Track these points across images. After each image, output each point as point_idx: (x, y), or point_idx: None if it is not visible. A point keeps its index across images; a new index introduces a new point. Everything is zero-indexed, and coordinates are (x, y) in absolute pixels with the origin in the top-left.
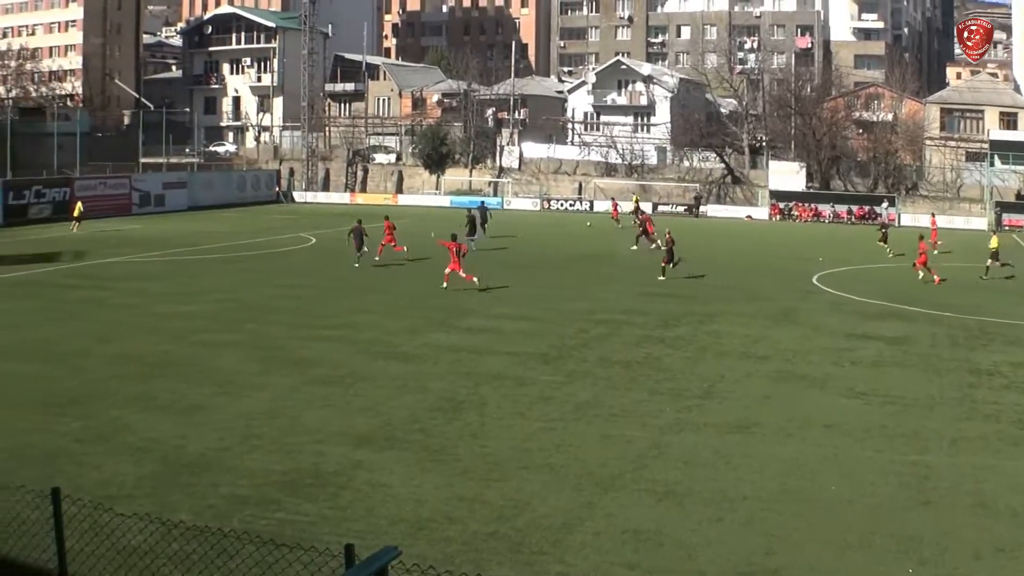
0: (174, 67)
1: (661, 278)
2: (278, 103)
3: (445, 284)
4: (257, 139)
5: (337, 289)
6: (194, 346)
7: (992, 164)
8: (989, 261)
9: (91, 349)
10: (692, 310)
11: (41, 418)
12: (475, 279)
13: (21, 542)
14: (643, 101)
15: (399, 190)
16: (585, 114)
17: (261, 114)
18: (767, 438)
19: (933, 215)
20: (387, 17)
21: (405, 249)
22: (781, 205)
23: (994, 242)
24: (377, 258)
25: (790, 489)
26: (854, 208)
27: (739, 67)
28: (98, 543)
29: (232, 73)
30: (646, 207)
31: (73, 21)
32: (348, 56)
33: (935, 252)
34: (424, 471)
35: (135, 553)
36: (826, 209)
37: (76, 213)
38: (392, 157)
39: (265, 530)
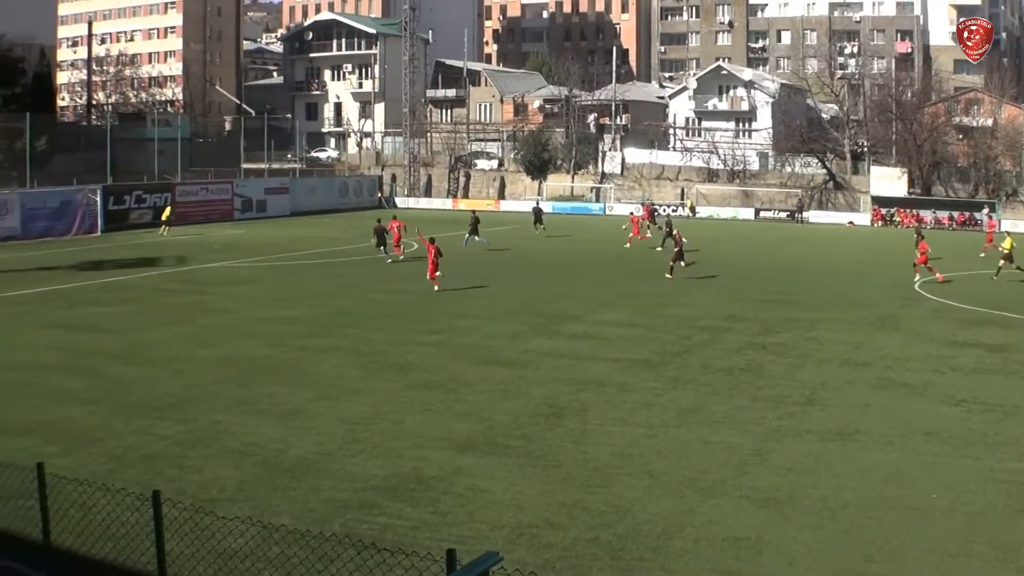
0: (275, 73)
1: (668, 276)
2: (379, 109)
3: (436, 287)
4: (359, 145)
5: (438, 294)
6: (295, 351)
7: None
8: (1002, 262)
9: (192, 353)
10: (794, 316)
11: (142, 421)
12: (436, 282)
13: (120, 544)
14: (744, 106)
15: (501, 196)
16: (687, 119)
17: (362, 120)
18: (868, 445)
19: (990, 216)
20: (487, 23)
21: (402, 256)
22: (883, 211)
23: (1008, 243)
24: (400, 257)
25: (890, 497)
26: (955, 214)
27: (839, 72)
28: (198, 546)
29: (333, 79)
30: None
31: (172, 27)
32: (449, 62)
33: (981, 255)
34: (525, 477)
35: (235, 556)
36: (927, 215)
37: (164, 217)
38: (494, 163)
39: (366, 534)
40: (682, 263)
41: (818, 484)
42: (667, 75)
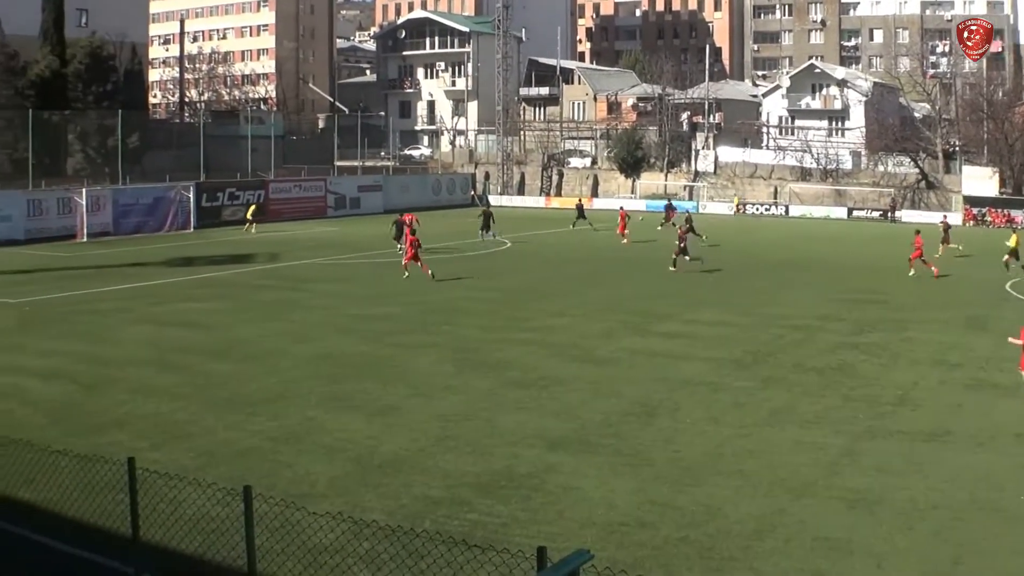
0: (368, 71)
1: (672, 269)
2: (472, 107)
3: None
4: (452, 143)
5: (532, 292)
6: (389, 347)
7: None
8: (1007, 257)
9: (286, 349)
10: (886, 316)
11: (235, 416)
12: (429, 271)
13: (210, 539)
14: (837, 105)
15: (594, 194)
16: (780, 118)
17: (455, 118)
18: (959, 447)
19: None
20: (580, 21)
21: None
22: (975, 211)
23: (1013, 240)
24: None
25: (980, 499)
26: None
27: (931, 71)
28: (288, 541)
29: (426, 77)
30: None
31: (265, 25)
32: (542, 60)
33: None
34: (617, 475)
35: (325, 551)
36: (1019, 215)
37: (250, 214)
38: (587, 161)
39: (457, 531)
40: (686, 257)
41: (908, 485)
42: (760, 73)
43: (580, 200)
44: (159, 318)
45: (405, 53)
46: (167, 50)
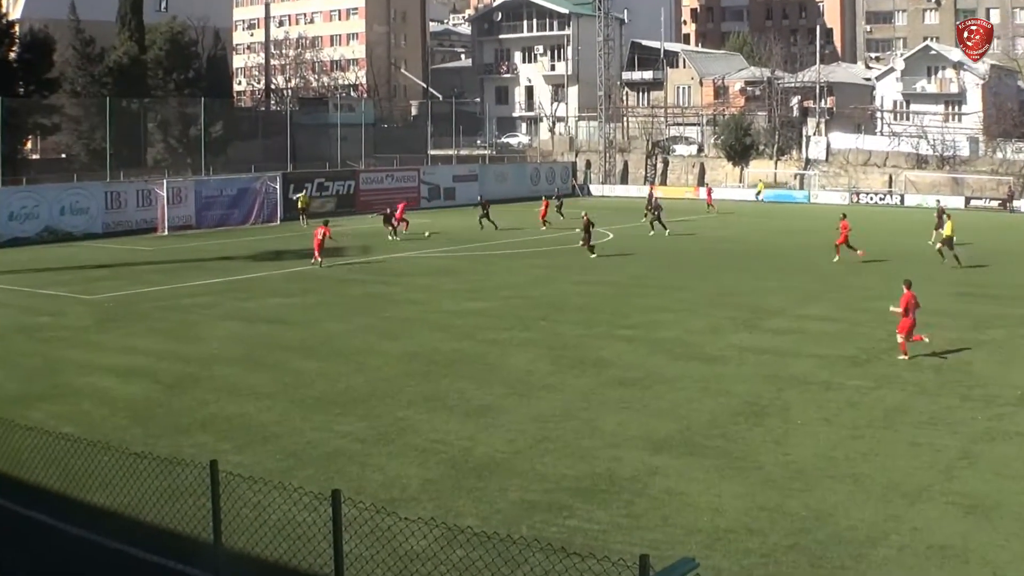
0: (463, 56)
1: (592, 256)
2: (573, 92)
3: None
4: (551, 130)
5: (635, 286)
6: (484, 344)
7: None
8: (939, 245)
9: (376, 346)
10: (1007, 312)
11: (323, 417)
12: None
13: (295, 546)
14: (953, 88)
15: (700, 183)
16: (894, 102)
17: (555, 104)
18: None
19: None
20: (685, 2)
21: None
22: None
23: (948, 227)
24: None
25: None
26: None
27: None
28: (378, 548)
29: (524, 61)
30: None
31: (355, 9)
32: (645, 43)
33: None
34: (724, 479)
35: (416, 559)
36: None
37: (301, 205)
38: (693, 148)
39: (555, 538)
40: (592, 252)
41: None
42: (873, 55)
43: (656, 194)
44: (245, 314)
45: (502, 36)
46: (252, 35)
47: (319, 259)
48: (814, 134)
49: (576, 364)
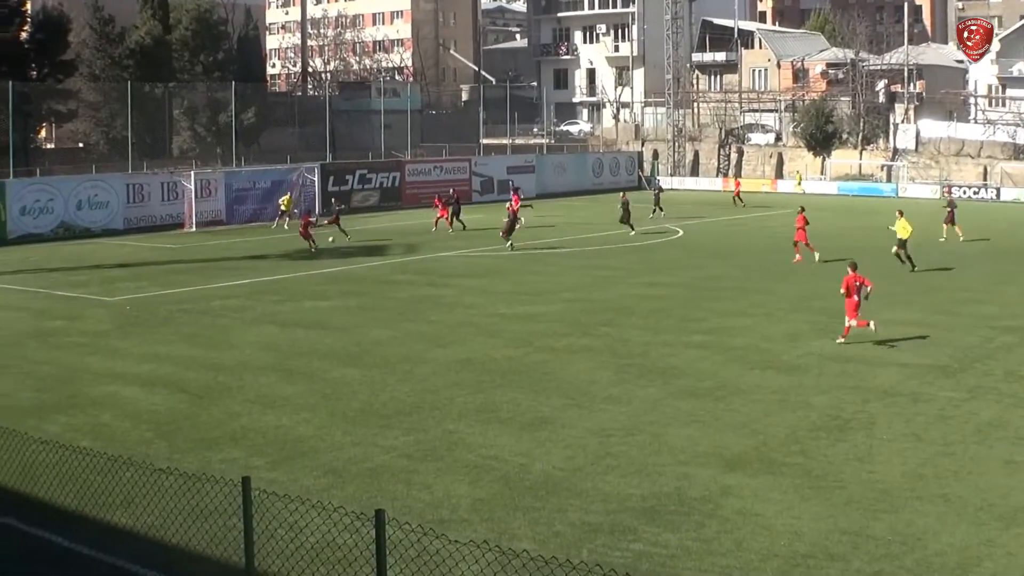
0: (518, 36)
1: (508, 244)
2: (638, 76)
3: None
4: (615, 117)
5: (707, 288)
6: (541, 351)
7: None
8: (896, 248)
9: (424, 354)
10: None
11: (365, 430)
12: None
13: (335, 571)
14: None
15: (778, 175)
16: (988, 87)
17: (619, 88)
18: None
19: None
20: None
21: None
22: None
23: (903, 229)
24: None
25: None
26: None
27: None
28: (425, 573)
29: (585, 42)
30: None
31: None
32: (717, 22)
33: None
34: (803, 499)
35: None
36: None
37: (284, 208)
38: (770, 137)
39: (618, 563)
40: (509, 241)
41: None
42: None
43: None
44: (280, 318)
45: (560, 15)
46: (287, 13)
47: (314, 244)
48: (902, 121)
49: (642, 373)
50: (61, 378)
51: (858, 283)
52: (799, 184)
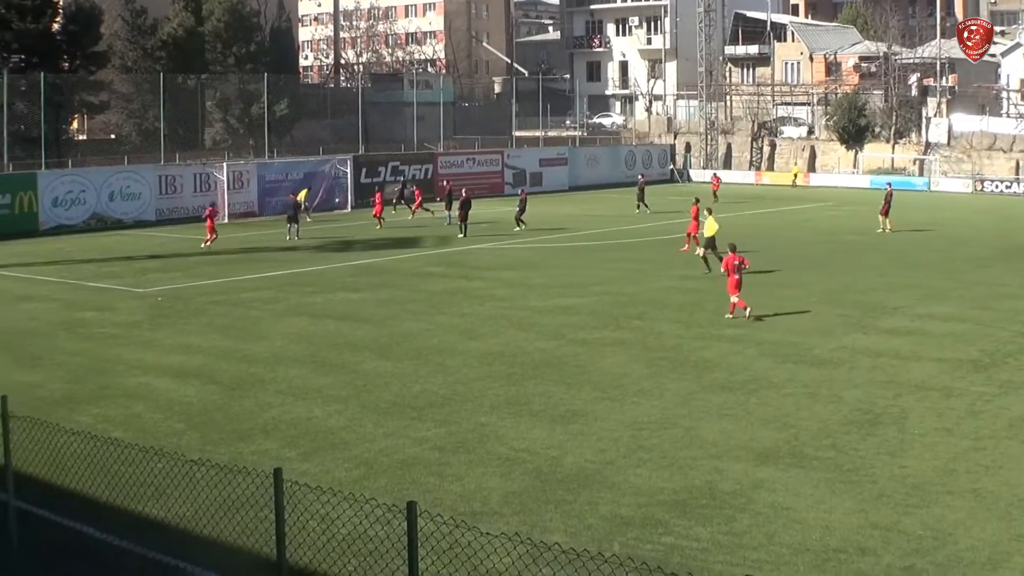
0: (551, 28)
1: (461, 236)
2: (671, 68)
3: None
4: (648, 109)
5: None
6: (573, 344)
7: None
8: (701, 250)
9: (456, 346)
10: None
11: (397, 422)
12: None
13: (366, 563)
14: None
15: (811, 168)
16: (1021, 81)
17: (652, 81)
18: None
19: None
20: None
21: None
22: None
23: (711, 227)
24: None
25: None
26: None
27: None
28: (456, 565)
29: (618, 34)
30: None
31: None
32: (750, 14)
33: None
34: (834, 493)
35: None
36: None
37: (302, 197)
38: (803, 130)
39: (650, 556)
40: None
41: None
42: (999, 29)
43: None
44: (312, 310)
45: (593, 7)
46: (319, 5)
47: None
48: (934, 115)
49: (675, 366)
50: (93, 369)
51: (737, 262)
52: (795, 178)
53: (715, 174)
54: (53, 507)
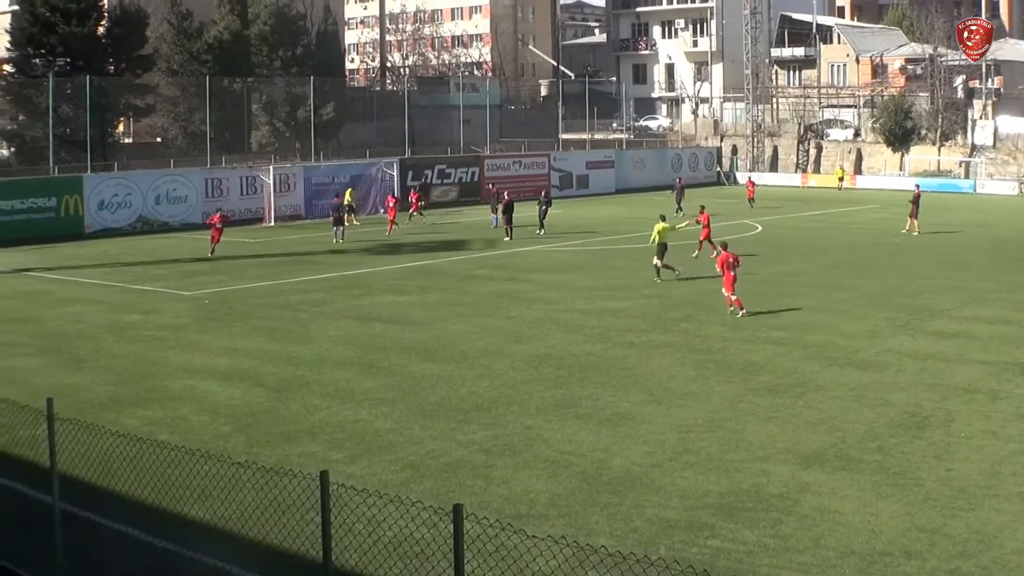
0: (596, 31)
1: (507, 239)
2: (717, 71)
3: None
4: (694, 112)
5: (787, 284)
6: (620, 347)
7: None
8: (656, 260)
9: (503, 348)
10: None
11: (444, 424)
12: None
13: (412, 565)
14: None
15: (857, 170)
16: None
17: (698, 84)
18: None
19: None
20: None
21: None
22: None
23: (657, 231)
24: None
25: None
26: None
27: None
28: (502, 568)
29: (664, 37)
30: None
31: None
32: (796, 16)
33: None
34: (881, 496)
35: None
36: None
37: (348, 199)
38: (849, 133)
39: (696, 559)
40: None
41: None
42: None
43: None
44: (359, 312)
45: (639, 9)
46: (365, 8)
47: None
48: (980, 117)
49: (721, 369)
50: (139, 372)
51: (731, 260)
52: (841, 181)
53: (750, 178)
54: (98, 510)
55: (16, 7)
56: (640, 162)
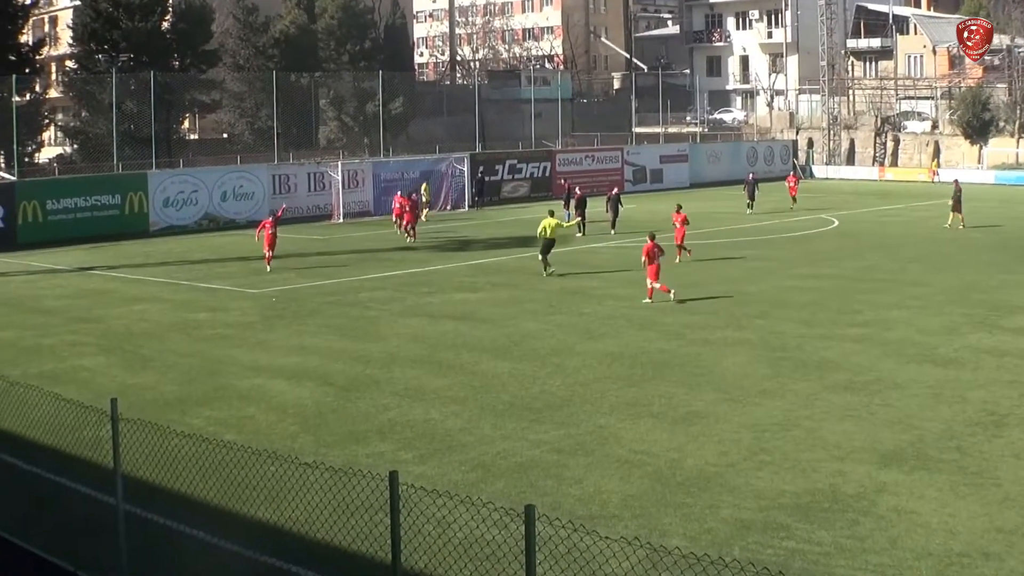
0: (670, 22)
1: (579, 234)
2: (792, 62)
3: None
4: (769, 105)
5: (863, 280)
6: (694, 344)
7: None
8: (539, 256)
9: (575, 346)
10: None
11: (515, 424)
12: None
13: (483, 567)
14: None
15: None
16: None
17: (773, 76)
18: None
19: None
20: None
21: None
22: None
23: (546, 227)
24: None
25: None
26: None
27: None
28: (575, 570)
29: (738, 28)
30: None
31: None
32: (872, 7)
33: None
34: (959, 497)
35: None
36: None
37: (426, 199)
38: (926, 125)
39: (771, 561)
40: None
41: None
42: None
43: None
44: (429, 310)
45: (713, 0)
46: (434, 1)
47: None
48: None
49: (797, 367)
50: (205, 371)
51: (656, 250)
52: (935, 174)
53: (792, 173)
54: (163, 511)
55: (79, 2)
56: (715, 156)
